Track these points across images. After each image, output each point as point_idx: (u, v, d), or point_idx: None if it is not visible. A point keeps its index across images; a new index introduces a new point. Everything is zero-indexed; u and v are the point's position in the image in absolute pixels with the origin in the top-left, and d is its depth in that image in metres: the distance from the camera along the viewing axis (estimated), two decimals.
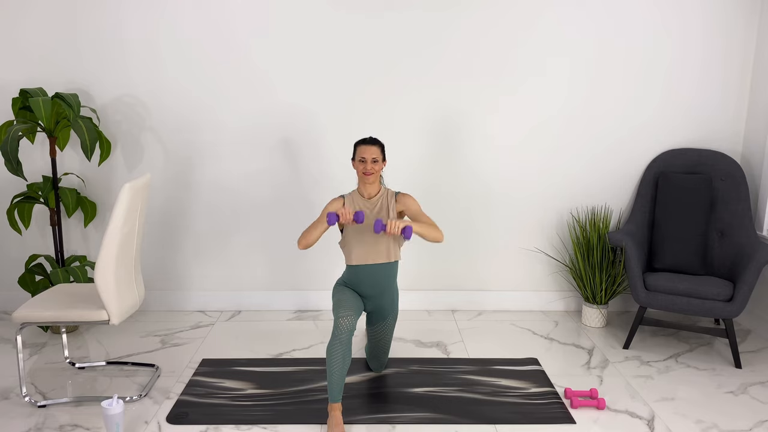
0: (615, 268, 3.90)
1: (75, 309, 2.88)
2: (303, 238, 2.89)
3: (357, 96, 3.94)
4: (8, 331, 3.80)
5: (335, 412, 2.70)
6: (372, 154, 2.93)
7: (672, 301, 3.46)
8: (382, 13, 3.85)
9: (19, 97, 3.58)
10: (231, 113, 3.95)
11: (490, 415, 2.87)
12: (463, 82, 3.94)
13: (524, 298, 4.23)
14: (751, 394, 3.12)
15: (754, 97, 3.96)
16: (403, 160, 4.03)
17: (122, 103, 3.92)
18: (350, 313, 2.78)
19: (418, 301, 4.21)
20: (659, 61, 3.95)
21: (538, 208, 4.12)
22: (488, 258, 4.18)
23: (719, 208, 3.81)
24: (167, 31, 3.84)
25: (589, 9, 3.88)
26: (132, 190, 2.87)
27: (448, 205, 4.09)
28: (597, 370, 3.37)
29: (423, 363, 3.40)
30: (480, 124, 4.00)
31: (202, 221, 4.07)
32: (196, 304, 4.17)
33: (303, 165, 4.03)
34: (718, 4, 3.89)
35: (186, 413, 2.87)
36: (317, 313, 4.16)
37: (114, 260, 2.84)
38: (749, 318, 3.98)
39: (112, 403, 2.62)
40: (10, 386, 3.12)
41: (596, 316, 3.94)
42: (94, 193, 4.02)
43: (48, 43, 3.83)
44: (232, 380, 3.19)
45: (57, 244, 3.73)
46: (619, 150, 4.05)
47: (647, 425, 2.83)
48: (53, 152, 3.61)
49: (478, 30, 3.88)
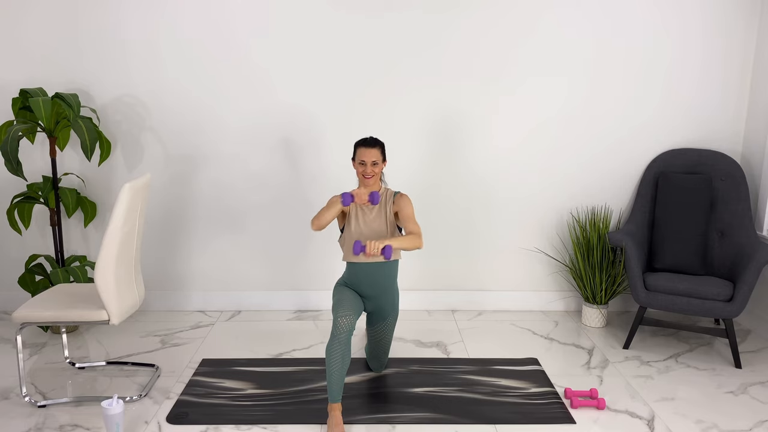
0: (615, 268, 3.90)
1: (75, 309, 2.88)
2: (317, 219, 2.91)
3: (357, 96, 3.94)
4: (8, 331, 3.80)
5: (335, 412, 2.70)
6: (372, 157, 2.93)
7: (672, 301, 3.46)
8: (383, 14, 3.85)
9: (19, 97, 3.58)
10: (231, 113, 3.95)
11: (490, 415, 2.87)
12: (463, 82, 3.94)
13: (524, 298, 4.23)
14: (751, 394, 3.12)
15: (754, 97, 3.96)
16: (404, 161, 4.03)
17: (122, 103, 3.92)
18: (350, 313, 2.78)
19: (418, 301, 4.21)
20: (659, 61, 3.95)
21: (538, 208, 4.12)
22: (488, 258, 4.18)
23: (719, 208, 3.81)
24: (167, 31, 3.84)
25: (588, 9, 3.88)
26: (132, 190, 2.87)
27: (449, 205, 4.09)
28: (597, 370, 3.37)
29: (423, 363, 3.40)
30: (480, 125, 4.00)
31: (202, 221, 4.07)
32: (196, 304, 4.17)
33: (303, 165, 4.03)
34: (718, 4, 3.89)
35: (186, 413, 2.87)
36: (317, 313, 4.16)
37: (114, 260, 2.84)
38: (749, 318, 3.98)
39: (112, 403, 2.62)
40: (10, 386, 3.12)
41: (596, 316, 3.94)
42: (94, 193, 4.02)
43: (48, 43, 3.83)
44: (232, 380, 3.19)
45: (57, 244, 3.73)
46: (619, 150, 4.05)
47: (647, 425, 2.83)
48: (53, 152, 3.61)
49: (478, 30, 3.88)
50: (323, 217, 2.90)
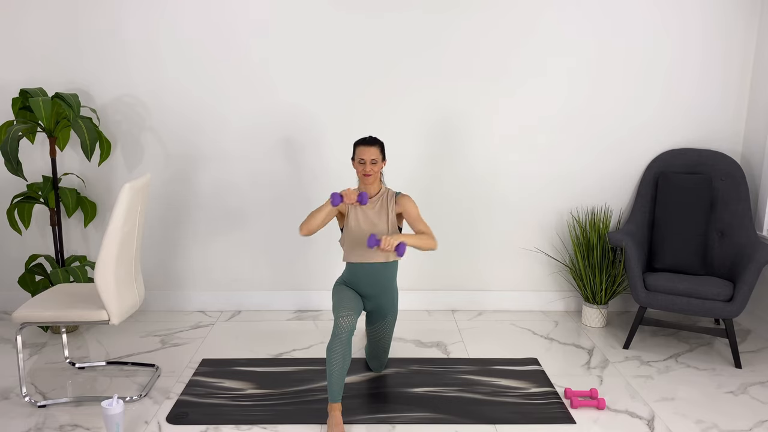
0: (615, 268, 3.90)
1: (75, 309, 2.88)
2: (305, 224, 2.88)
3: (358, 96, 3.94)
4: (8, 331, 3.80)
5: (335, 412, 2.70)
6: (371, 155, 2.93)
7: (672, 301, 3.46)
8: (383, 14, 3.85)
9: (19, 97, 3.58)
10: (231, 113, 3.95)
11: (490, 415, 2.87)
12: (463, 82, 3.94)
13: (524, 298, 4.23)
14: (751, 394, 3.12)
15: (754, 97, 3.96)
16: (404, 160, 4.03)
17: (122, 103, 3.92)
18: (350, 313, 2.78)
19: (418, 301, 4.21)
20: (659, 61, 3.95)
21: (538, 208, 4.12)
22: (488, 258, 4.18)
23: (719, 208, 3.81)
24: (167, 31, 3.84)
25: (588, 10, 3.88)
26: (132, 190, 2.87)
27: (449, 205, 4.09)
28: (597, 370, 3.37)
29: (423, 363, 3.40)
30: (480, 125, 4.00)
31: (202, 221, 4.07)
32: (196, 304, 4.17)
33: (303, 165, 4.03)
34: (718, 4, 3.89)
35: (186, 413, 2.87)
36: (317, 313, 4.16)
37: (114, 260, 2.84)
38: (749, 318, 3.98)
39: (112, 403, 2.62)
40: (10, 386, 3.12)
41: (596, 316, 3.94)
42: (94, 193, 4.02)
43: (48, 43, 3.83)
44: (232, 380, 3.19)
45: (57, 244, 3.73)
46: (619, 150, 4.05)
47: (647, 425, 2.83)
48: (53, 152, 3.61)
49: (478, 31, 3.88)
50: (313, 220, 2.87)
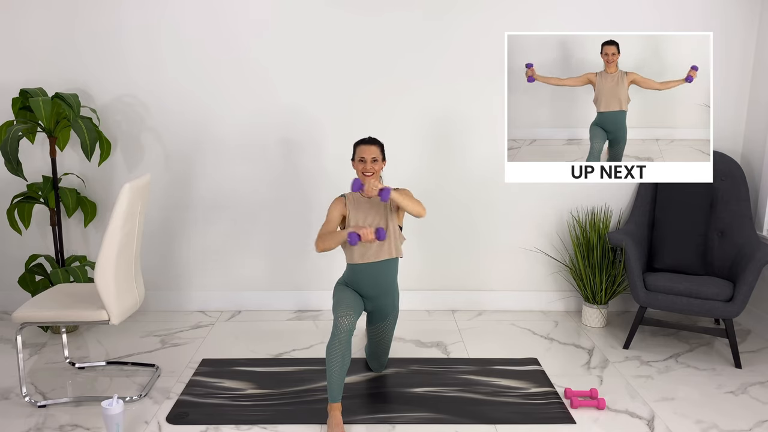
0: (615, 268, 3.90)
1: (75, 309, 2.88)
2: (321, 242, 2.86)
3: (357, 96, 3.94)
4: (8, 331, 3.80)
5: (335, 412, 2.70)
6: (371, 153, 2.93)
7: (672, 301, 3.46)
8: (382, 14, 3.85)
9: (19, 97, 3.58)
10: (231, 113, 3.94)
11: (490, 415, 2.87)
12: (463, 82, 3.94)
13: (524, 298, 4.23)
14: (751, 394, 3.12)
15: (754, 97, 3.95)
16: (403, 160, 4.02)
17: (122, 103, 3.92)
18: (350, 313, 2.77)
19: (418, 301, 4.21)
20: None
21: (538, 208, 4.12)
22: (488, 258, 4.18)
23: (719, 208, 3.81)
24: (167, 31, 3.84)
25: (588, 10, 3.88)
26: (132, 190, 2.87)
27: (449, 205, 4.09)
28: (597, 370, 3.37)
29: (423, 363, 3.40)
30: (480, 124, 3.99)
31: (202, 221, 4.07)
32: (196, 304, 4.17)
33: (303, 165, 4.02)
34: (718, 4, 3.89)
35: (186, 413, 2.87)
36: (317, 313, 4.16)
37: (114, 260, 2.84)
38: (749, 318, 3.98)
39: (112, 403, 2.62)
40: (10, 386, 3.12)
41: (596, 316, 3.94)
42: (94, 193, 4.02)
43: (48, 43, 3.83)
44: (232, 380, 3.19)
45: (57, 244, 3.73)
46: None
47: (647, 425, 2.83)
48: (53, 152, 3.61)
49: (478, 31, 3.88)
50: (330, 242, 2.85)
